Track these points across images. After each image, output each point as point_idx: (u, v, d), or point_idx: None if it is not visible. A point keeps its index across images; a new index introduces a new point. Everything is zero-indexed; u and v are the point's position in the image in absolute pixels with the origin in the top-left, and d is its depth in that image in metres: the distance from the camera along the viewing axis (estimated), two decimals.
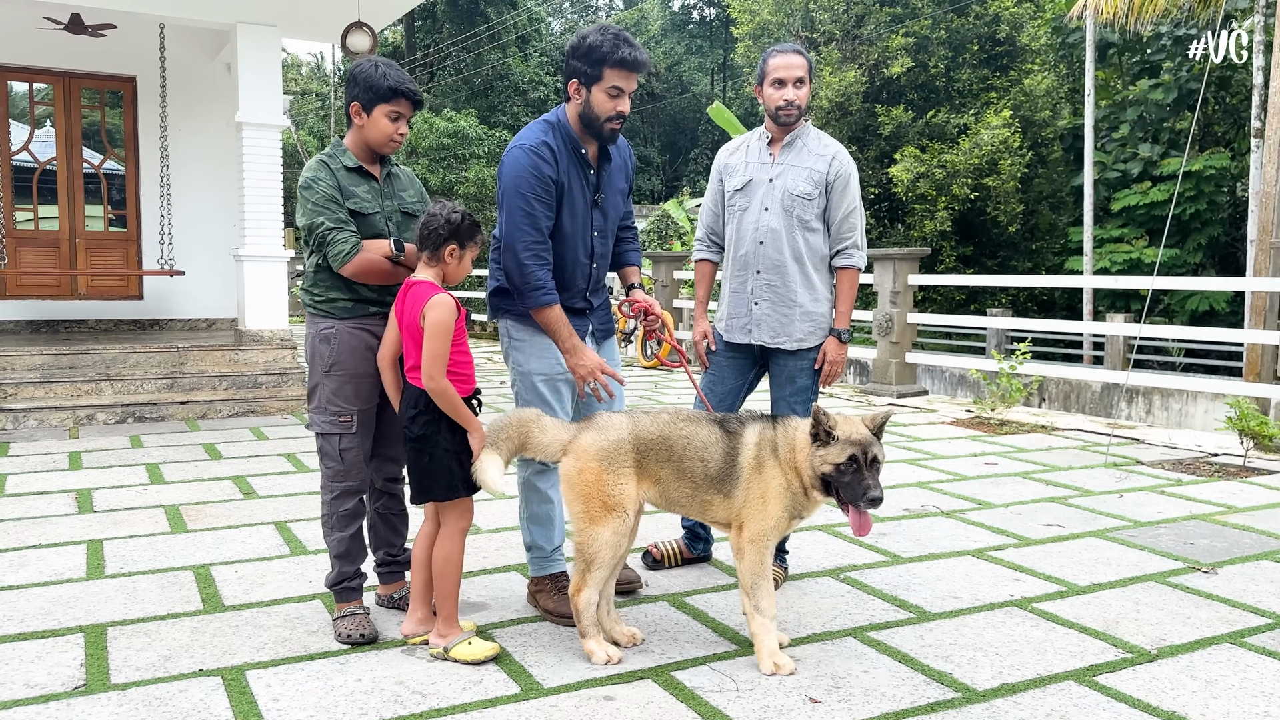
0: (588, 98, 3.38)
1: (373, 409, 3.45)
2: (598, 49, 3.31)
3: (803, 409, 3.93)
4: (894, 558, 4.34)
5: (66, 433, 7.07)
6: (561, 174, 3.38)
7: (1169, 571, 4.18)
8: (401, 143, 3.36)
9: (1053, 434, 7.54)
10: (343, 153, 3.38)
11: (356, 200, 3.34)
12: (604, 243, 3.62)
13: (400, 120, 3.32)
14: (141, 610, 3.58)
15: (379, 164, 3.46)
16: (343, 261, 3.26)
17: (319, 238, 3.29)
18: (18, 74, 9.61)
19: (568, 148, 3.43)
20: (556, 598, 3.53)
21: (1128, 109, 18.00)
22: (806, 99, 3.92)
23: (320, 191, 3.28)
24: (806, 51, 4.01)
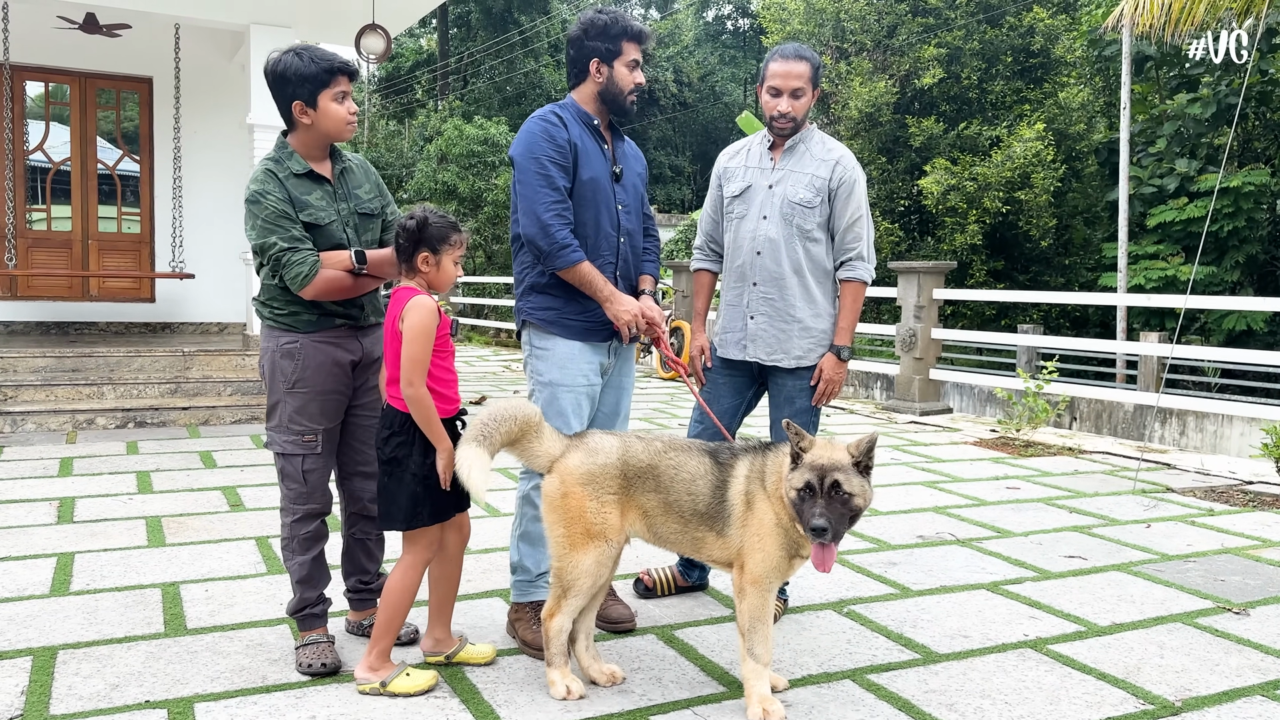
0: (610, 74, 3.40)
1: (337, 427, 3.24)
2: (613, 26, 3.36)
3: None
4: (903, 590, 4.08)
5: (64, 437, 6.95)
6: (575, 137, 3.35)
7: (1197, 611, 3.89)
8: (356, 122, 3.15)
9: (1080, 457, 7.23)
10: (290, 157, 3.11)
11: (311, 211, 3.08)
12: (630, 219, 3.50)
13: (347, 99, 3.10)
14: (99, 632, 3.39)
15: (330, 160, 3.22)
16: (302, 285, 3.02)
17: (273, 259, 3.04)
18: (34, 73, 9.56)
19: (579, 120, 3.41)
20: (535, 629, 3.31)
21: (1164, 123, 17.57)
22: (805, 109, 3.63)
23: (269, 207, 3.02)
24: (815, 55, 3.70)
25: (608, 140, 3.49)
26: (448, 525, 3.08)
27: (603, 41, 3.36)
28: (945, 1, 17.83)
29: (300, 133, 3.12)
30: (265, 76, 3.10)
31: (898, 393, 9.55)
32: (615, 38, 3.35)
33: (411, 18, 9.49)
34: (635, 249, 3.54)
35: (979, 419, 9.16)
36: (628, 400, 3.64)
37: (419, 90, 39.15)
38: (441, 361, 2.98)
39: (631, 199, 3.52)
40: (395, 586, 2.98)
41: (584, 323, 3.37)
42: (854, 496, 2.66)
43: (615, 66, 3.38)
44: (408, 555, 3.00)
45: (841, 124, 18.05)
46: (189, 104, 9.55)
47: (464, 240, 2.98)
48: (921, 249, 18.12)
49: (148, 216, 10.06)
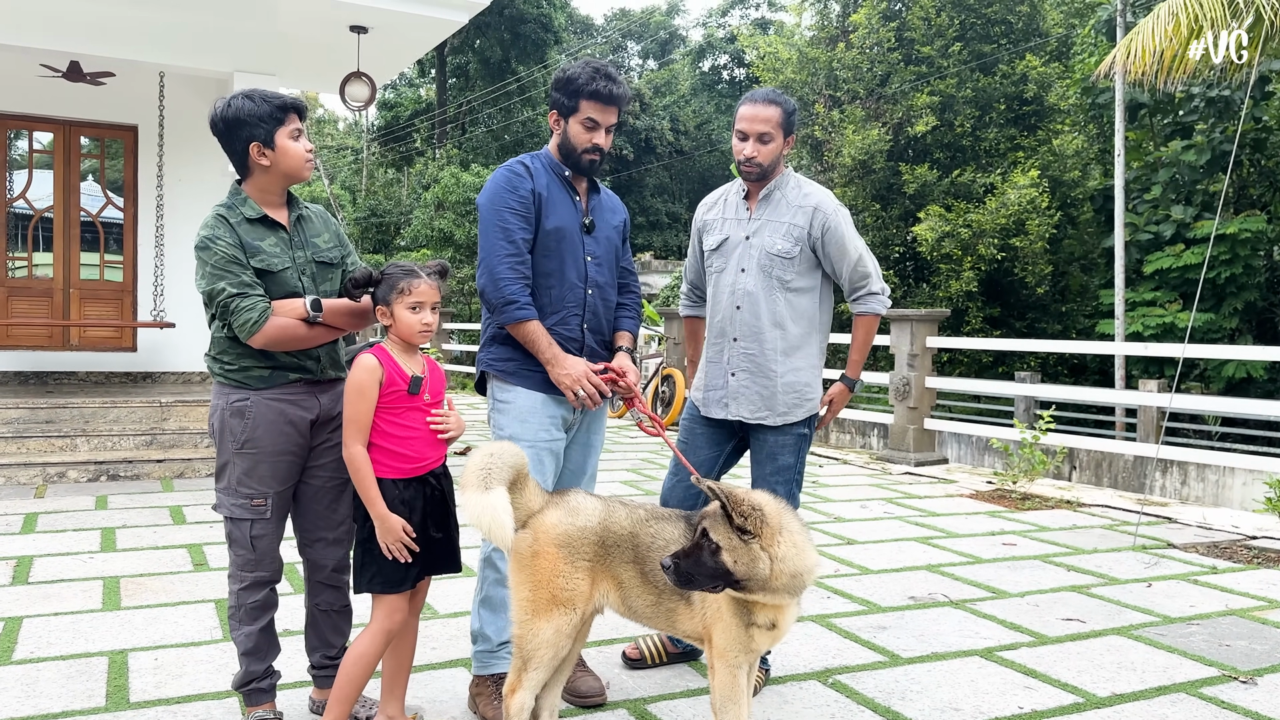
0: (565, 128, 3.29)
1: (289, 490, 3.04)
2: (575, 80, 3.24)
3: (784, 489, 3.51)
4: (893, 658, 3.87)
5: (33, 491, 6.75)
6: (540, 187, 3.26)
7: (1201, 680, 3.69)
8: (314, 160, 3.02)
9: (1079, 510, 7.04)
10: (243, 202, 2.96)
11: (263, 257, 2.91)
12: (601, 272, 3.34)
13: (303, 136, 2.97)
14: (35, 706, 3.19)
15: (287, 207, 3.06)
16: (251, 331, 2.84)
17: (221, 305, 2.86)
18: (18, 121, 9.49)
19: (549, 170, 3.33)
20: (497, 704, 3.11)
21: (1160, 170, 17.56)
22: (774, 154, 3.47)
23: (219, 253, 2.86)
24: (788, 100, 3.53)
25: (580, 191, 3.37)
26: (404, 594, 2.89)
27: (563, 95, 3.26)
28: (938, 50, 17.90)
29: (257, 177, 2.96)
30: (213, 125, 2.93)
31: (892, 442, 9.37)
32: (574, 94, 3.23)
33: (398, 65, 9.46)
34: (606, 302, 3.39)
35: (975, 469, 8.97)
36: (595, 458, 3.47)
37: (418, 139, 39.39)
38: (398, 418, 2.81)
39: (603, 251, 3.38)
40: (355, 653, 2.80)
41: (545, 375, 3.22)
42: (721, 551, 2.48)
43: (570, 123, 3.27)
44: (374, 622, 2.81)
45: (835, 171, 18.04)
46: (172, 152, 9.47)
47: (417, 286, 2.80)
48: (917, 296, 18.02)
49: (131, 264, 9.94)
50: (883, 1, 18.32)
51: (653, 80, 44.47)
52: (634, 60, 51.01)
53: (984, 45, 18.11)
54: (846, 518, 6.53)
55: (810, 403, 3.53)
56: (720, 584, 2.51)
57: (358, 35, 8.22)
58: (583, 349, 3.31)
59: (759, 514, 2.50)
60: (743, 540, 2.48)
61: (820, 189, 3.59)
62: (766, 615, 2.63)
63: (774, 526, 2.52)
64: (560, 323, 3.27)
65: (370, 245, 33.04)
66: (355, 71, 8.44)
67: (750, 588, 2.52)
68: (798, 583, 2.55)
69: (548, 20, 36.10)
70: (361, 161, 42.51)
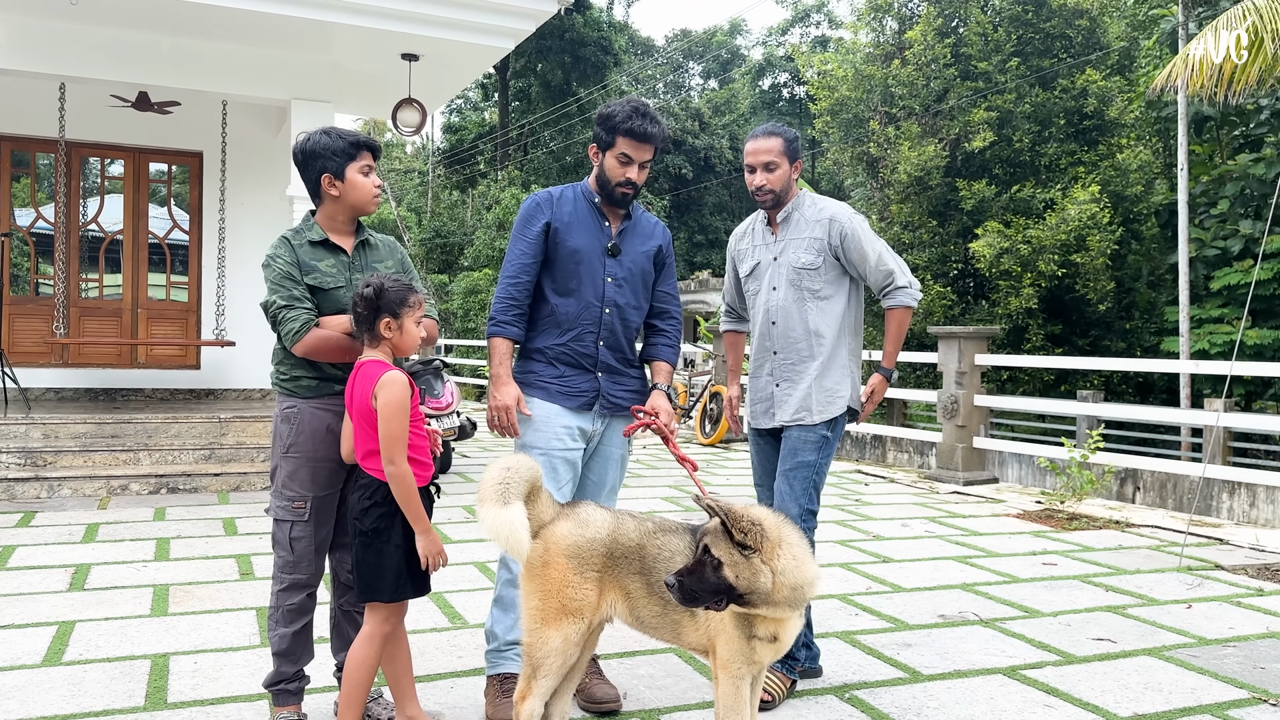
0: (602, 161, 3.45)
1: (332, 495, 3.20)
2: (613, 118, 3.39)
3: (800, 486, 3.62)
4: (913, 674, 3.88)
5: (97, 503, 7.04)
6: (562, 215, 3.46)
7: (1229, 703, 3.63)
8: (380, 196, 3.22)
9: (1126, 530, 6.92)
10: (309, 227, 3.21)
11: (317, 275, 3.12)
12: (622, 293, 3.48)
13: (372, 173, 3.19)
14: (79, 705, 3.36)
15: (353, 235, 3.26)
16: (293, 340, 3.04)
17: (272, 315, 3.10)
18: (91, 149, 9.94)
19: (580, 197, 3.53)
20: (497, 702, 3.24)
21: (1227, 184, 17.14)
22: (782, 180, 3.74)
23: (277, 269, 3.10)
24: (789, 131, 3.78)
25: (611, 217, 3.51)
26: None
27: (602, 130, 3.43)
28: (995, 65, 17.71)
29: (327, 205, 3.20)
30: (294, 156, 3.18)
31: (940, 461, 9.29)
32: (611, 130, 3.39)
33: (448, 91, 9.71)
34: (626, 322, 3.51)
35: (1026, 490, 8.85)
36: (616, 471, 3.55)
37: (481, 161, 40.04)
38: (415, 430, 2.94)
39: (627, 274, 3.50)
40: (355, 658, 2.91)
41: (559, 387, 3.39)
42: (723, 566, 2.54)
43: (606, 156, 3.43)
44: (369, 627, 2.93)
45: (891, 188, 17.92)
46: (235, 176, 9.83)
47: (421, 300, 2.97)
48: (975, 313, 17.79)
49: (195, 285, 10.32)
50: (938, 18, 18.19)
51: (712, 99, 44.67)
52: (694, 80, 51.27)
53: (1043, 60, 17.87)
54: (885, 536, 6.51)
55: (841, 400, 3.72)
56: (724, 599, 2.57)
57: (409, 63, 8.48)
58: (597, 364, 3.44)
59: (758, 529, 2.56)
60: (744, 555, 2.54)
61: (834, 202, 3.81)
62: (768, 628, 2.68)
63: (774, 540, 2.58)
64: (575, 339, 3.42)
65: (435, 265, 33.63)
66: (407, 98, 8.69)
67: (753, 601, 2.57)
68: (799, 595, 2.60)
69: (608, 43, 36.50)
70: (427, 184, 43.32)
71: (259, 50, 8.39)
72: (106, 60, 8.04)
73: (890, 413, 16.53)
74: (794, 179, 3.77)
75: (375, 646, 2.92)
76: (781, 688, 3.53)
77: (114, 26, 7.93)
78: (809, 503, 3.63)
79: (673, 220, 38.01)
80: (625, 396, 3.50)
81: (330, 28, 7.78)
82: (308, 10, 7.46)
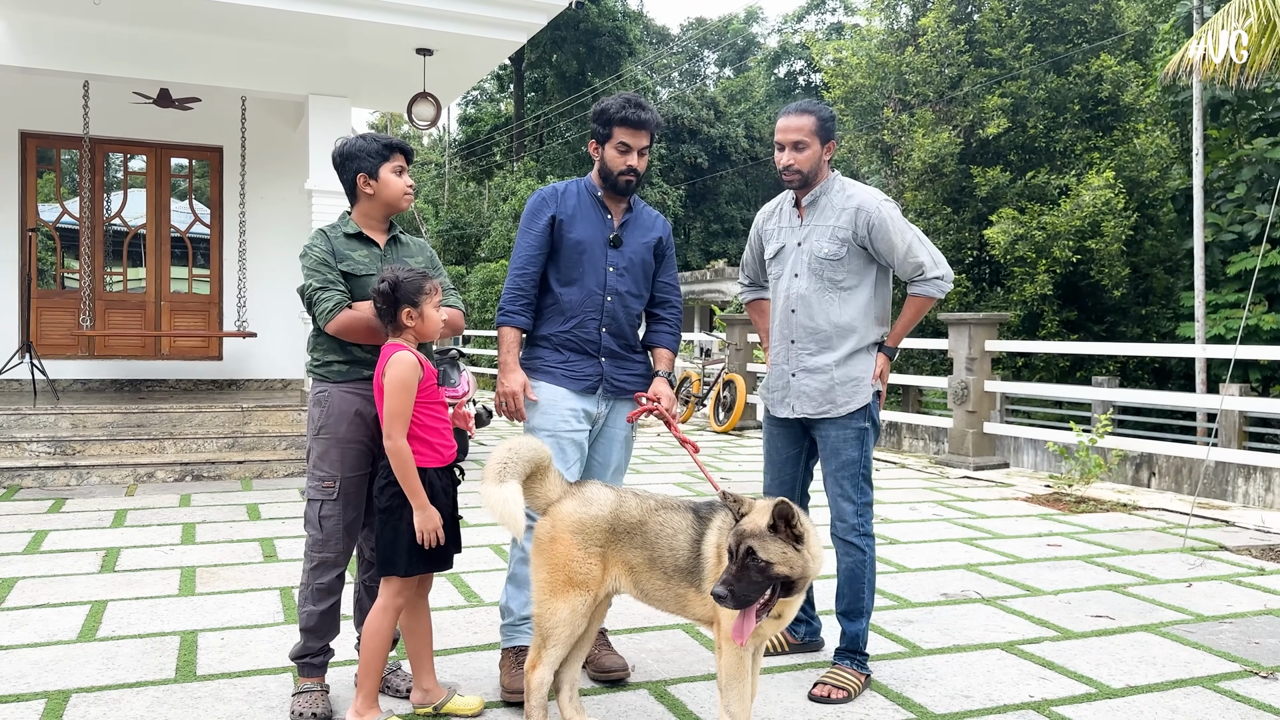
0: (603, 154, 3.62)
1: (361, 477, 3.33)
2: (608, 111, 3.57)
3: (850, 484, 3.65)
4: (913, 649, 4.01)
5: (124, 490, 7.25)
6: (566, 208, 3.63)
7: (1221, 675, 3.74)
8: (413, 195, 3.39)
9: (1133, 513, 7.01)
10: (345, 222, 3.40)
11: (350, 263, 3.31)
12: (623, 282, 3.64)
13: (404, 173, 3.38)
14: (113, 677, 3.53)
15: (386, 232, 3.45)
16: (326, 318, 3.23)
17: (308, 298, 3.29)
18: (114, 145, 10.14)
19: (585, 190, 3.69)
20: (511, 673, 3.40)
21: (1244, 168, 17.07)
22: (811, 161, 3.64)
23: (313, 256, 3.29)
24: (824, 109, 3.70)
25: (612, 210, 3.67)
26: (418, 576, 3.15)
27: (599, 124, 3.61)
28: (1009, 52, 17.71)
29: (362, 203, 3.39)
30: (333, 159, 3.38)
31: (951, 447, 9.38)
32: (607, 122, 3.57)
33: (462, 85, 9.84)
34: (628, 309, 3.66)
35: (1036, 474, 8.93)
36: (621, 452, 3.69)
37: (497, 153, 40.21)
38: (431, 412, 3.07)
39: (628, 264, 3.66)
40: (370, 629, 3.07)
41: (564, 371, 3.55)
42: (773, 564, 2.63)
43: (606, 148, 3.60)
44: (383, 599, 3.08)
45: (905, 175, 17.95)
46: (254, 171, 10.01)
47: (438, 285, 3.11)
48: (991, 299, 17.81)
49: (216, 278, 10.52)
50: (952, 5, 18.18)
51: (728, 88, 44.62)
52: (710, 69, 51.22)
53: (1057, 46, 17.85)
54: (893, 519, 6.63)
55: (866, 388, 3.66)
56: (777, 593, 2.68)
57: (423, 57, 8.62)
58: (600, 349, 3.60)
59: (801, 520, 2.69)
60: (797, 550, 2.67)
61: (864, 189, 3.70)
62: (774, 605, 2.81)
63: (809, 528, 2.72)
64: (578, 325, 3.58)
65: (452, 257, 33.86)
66: (422, 92, 8.83)
67: (798, 588, 2.70)
68: (815, 572, 2.75)
69: (622, 33, 36.53)
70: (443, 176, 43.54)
71: (277, 47, 8.55)
72: (129, 58, 8.21)
73: (906, 399, 16.61)
74: (826, 160, 3.68)
75: (389, 617, 3.07)
76: (856, 683, 3.51)
77: (136, 25, 8.10)
78: (861, 496, 3.65)
79: (688, 209, 38.04)
80: (628, 380, 3.65)
81: (347, 24, 7.93)
82: (325, 7, 7.60)
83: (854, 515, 3.63)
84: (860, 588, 3.63)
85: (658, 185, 35.55)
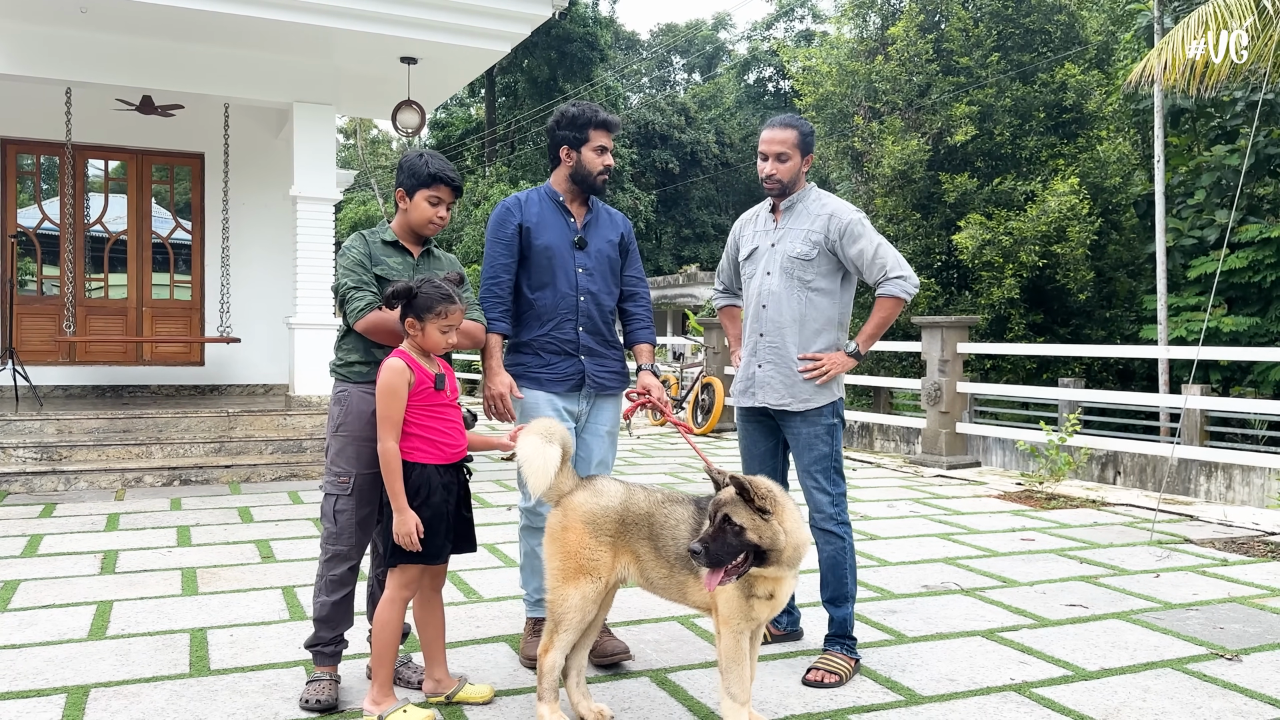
0: (579, 158, 3.82)
1: (375, 475, 3.45)
2: (580, 117, 3.80)
3: (824, 477, 3.84)
4: (898, 636, 4.19)
5: (113, 495, 7.30)
6: (530, 216, 3.83)
7: (1189, 657, 3.95)
8: (441, 226, 3.54)
9: (1102, 509, 7.26)
10: (384, 230, 3.57)
11: (384, 268, 3.48)
12: (593, 281, 3.86)
13: (440, 205, 3.49)
14: (129, 672, 3.64)
15: (420, 245, 3.60)
16: (357, 316, 3.39)
17: (341, 296, 3.45)
18: (95, 151, 10.16)
19: (546, 199, 3.89)
20: (529, 641, 3.76)
21: (1203, 174, 17.53)
22: (792, 172, 3.87)
23: (351, 257, 3.46)
24: (805, 124, 3.94)
25: (574, 213, 3.88)
26: (425, 570, 3.29)
27: (571, 130, 3.80)
28: (976, 60, 18.06)
29: (399, 216, 3.58)
30: (399, 163, 3.55)
31: (925, 446, 9.62)
32: (583, 127, 3.79)
33: (445, 92, 9.96)
34: (601, 306, 3.88)
35: (1007, 473, 9.18)
36: (604, 446, 3.89)
37: (468, 157, 40.24)
38: (432, 412, 3.21)
39: (595, 263, 3.88)
40: (380, 621, 3.22)
41: (547, 375, 3.78)
42: (745, 530, 2.83)
43: (583, 151, 3.81)
44: (389, 590, 3.23)
45: (875, 182, 18.25)
46: (237, 178, 10.06)
47: (453, 311, 3.18)
48: (959, 303, 18.14)
49: (198, 284, 10.56)
50: (920, 14, 18.52)
51: (698, 94, 44.93)
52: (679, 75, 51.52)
53: (1023, 55, 18.22)
54: (872, 516, 6.83)
55: (827, 389, 3.85)
56: (747, 561, 2.86)
57: (408, 66, 8.73)
58: (579, 348, 3.82)
59: (772, 495, 2.89)
60: (764, 519, 2.86)
61: (837, 200, 3.94)
62: (765, 587, 2.98)
63: (782, 504, 2.91)
64: (555, 327, 3.80)
65: None
66: (406, 100, 8.94)
67: (771, 560, 2.88)
68: (797, 555, 2.92)
69: (594, 38, 36.70)
70: None
71: (262, 55, 8.63)
72: (113, 65, 8.26)
73: (877, 401, 16.87)
74: (803, 171, 3.92)
75: (397, 609, 3.21)
76: (847, 667, 3.69)
77: (120, 33, 8.16)
78: (835, 488, 3.86)
79: (660, 215, 38.25)
80: (607, 377, 3.88)
81: (332, 33, 8.03)
82: (310, 17, 7.70)
83: (830, 505, 3.84)
84: (843, 574, 3.82)
85: (629, 190, 35.74)
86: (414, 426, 3.19)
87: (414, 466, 3.18)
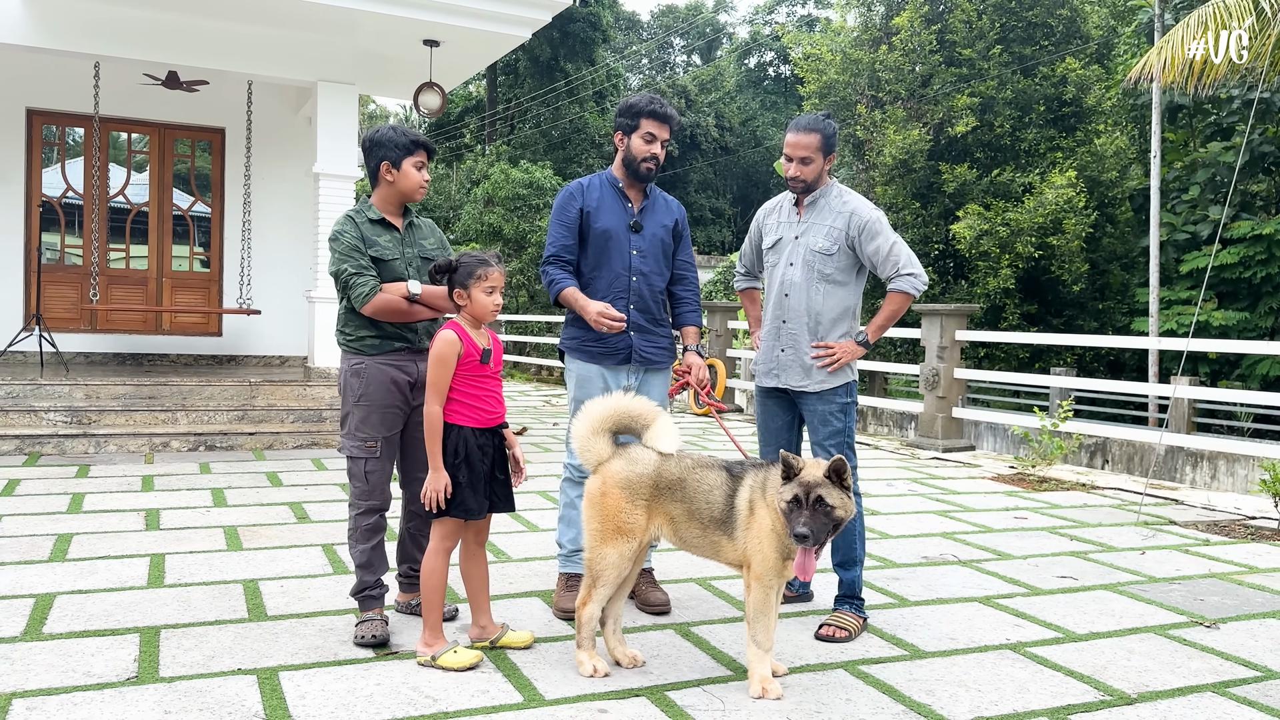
0: (628, 144, 4.11)
1: (396, 435, 3.80)
2: (636, 105, 4.13)
3: (838, 450, 4.14)
4: (902, 600, 4.51)
5: (143, 458, 7.57)
6: (591, 201, 4.13)
7: (1170, 625, 4.28)
8: (427, 189, 3.80)
9: (1092, 492, 7.58)
10: (368, 208, 3.81)
11: (378, 249, 3.73)
12: (645, 262, 4.15)
13: (423, 169, 3.79)
14: (193, 616, 3.93)
15: (403, 216, 3.86)
16: (362, 302, 3.66)
17: (343, 282, 3.70)
18: (119, 124, 10.38)
19: (607, 184, 4.19)
20: (563, 594, 4.07)
21: (1198, 170, 17.87)
22: (815, 173, 4.13)
23: (345, 242, 3.70)
24: (829, 125, 4.17)
25: (631, 199, 4.18)
26: (468, 525, 3.60)
27: (626, 118, 4.12)
28: (979, 52, 18.33)
29: (382, 189, 3.81)
30: (362, 144, 3.79)
31: (921, 430, 9.94)
32: (635, 115, 4.09)
33: (465, 74, 10.19)
34: (652, 287, 4.18)
35: (1000, 457, 9.51)
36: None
37: (468, 135, 40.32)
38: (475, 381, 3.51)
39: (649, 246, 4.18)
40: (426, 570, 3.54)
41: (598, 349, 4.08)
42: (835, 509, 3.14)
43: (633, 138, 4.10)
44: (433, 542, 3.55)
45: (876, 170, 18.54)
46: (259, 153, 10.29)
47: (491, 273, 3.48)
48: (955, 292, 18.47)
49: (217, 256, 10.81)
50: (925, 5, 18.76)
51: (698, 77, 45.02)
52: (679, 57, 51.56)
53: (1025, 48, 18.50)
54: (873, 494, 7.15)
55: (842, 372, 4.17)
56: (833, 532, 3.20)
57: (430, 48, 8.95)
58: (629, 325, 4.11)
59: (848, 474, 3.23)
60: (847, 495, 3.20)
61: (858, 198, 4.23)
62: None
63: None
64: (609, 305, 4.05)
65: None
66: (428, 82, 9.17)
67: (840, 528, 3.24)
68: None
69: (596, 19, 36.76)
70: None
71: (288, 34, 8.84)
72: (141, 40, 8.47)
73: (872, 385, 17.21)
74: (826, 170, 4.18)
75: (441, 559, 3.54)
76: (856, 624, 4.03)
77: (148, 9, 8.36)
78: (849, 461, 4.09)
79: None
80: (654, 352, 4.19)
81: (357, 14, 8.25)
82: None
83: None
84: (852, 540, 4.14)
85: None
86: (457, 393, 3.49)
87: (452, 428, 3.49)
